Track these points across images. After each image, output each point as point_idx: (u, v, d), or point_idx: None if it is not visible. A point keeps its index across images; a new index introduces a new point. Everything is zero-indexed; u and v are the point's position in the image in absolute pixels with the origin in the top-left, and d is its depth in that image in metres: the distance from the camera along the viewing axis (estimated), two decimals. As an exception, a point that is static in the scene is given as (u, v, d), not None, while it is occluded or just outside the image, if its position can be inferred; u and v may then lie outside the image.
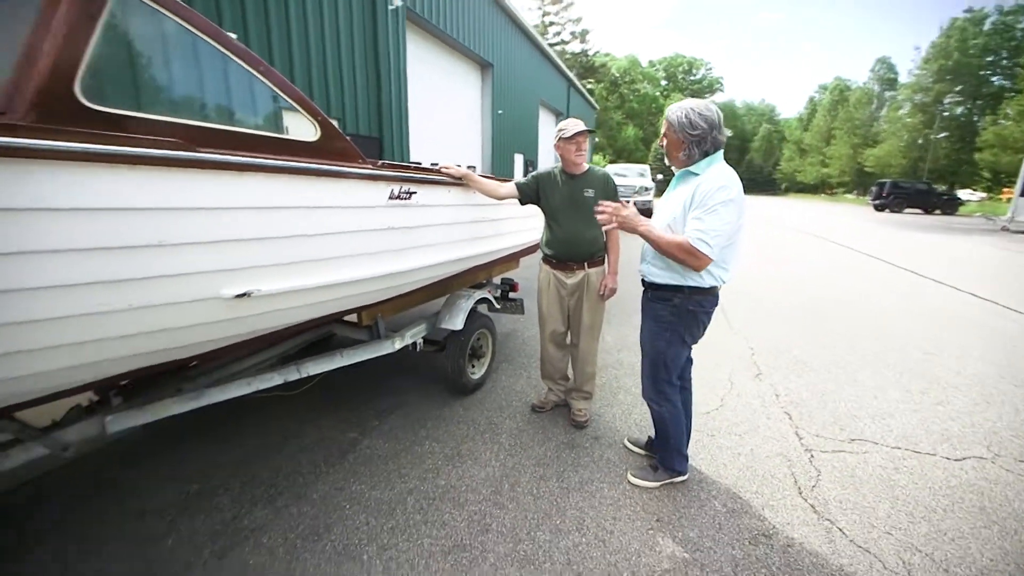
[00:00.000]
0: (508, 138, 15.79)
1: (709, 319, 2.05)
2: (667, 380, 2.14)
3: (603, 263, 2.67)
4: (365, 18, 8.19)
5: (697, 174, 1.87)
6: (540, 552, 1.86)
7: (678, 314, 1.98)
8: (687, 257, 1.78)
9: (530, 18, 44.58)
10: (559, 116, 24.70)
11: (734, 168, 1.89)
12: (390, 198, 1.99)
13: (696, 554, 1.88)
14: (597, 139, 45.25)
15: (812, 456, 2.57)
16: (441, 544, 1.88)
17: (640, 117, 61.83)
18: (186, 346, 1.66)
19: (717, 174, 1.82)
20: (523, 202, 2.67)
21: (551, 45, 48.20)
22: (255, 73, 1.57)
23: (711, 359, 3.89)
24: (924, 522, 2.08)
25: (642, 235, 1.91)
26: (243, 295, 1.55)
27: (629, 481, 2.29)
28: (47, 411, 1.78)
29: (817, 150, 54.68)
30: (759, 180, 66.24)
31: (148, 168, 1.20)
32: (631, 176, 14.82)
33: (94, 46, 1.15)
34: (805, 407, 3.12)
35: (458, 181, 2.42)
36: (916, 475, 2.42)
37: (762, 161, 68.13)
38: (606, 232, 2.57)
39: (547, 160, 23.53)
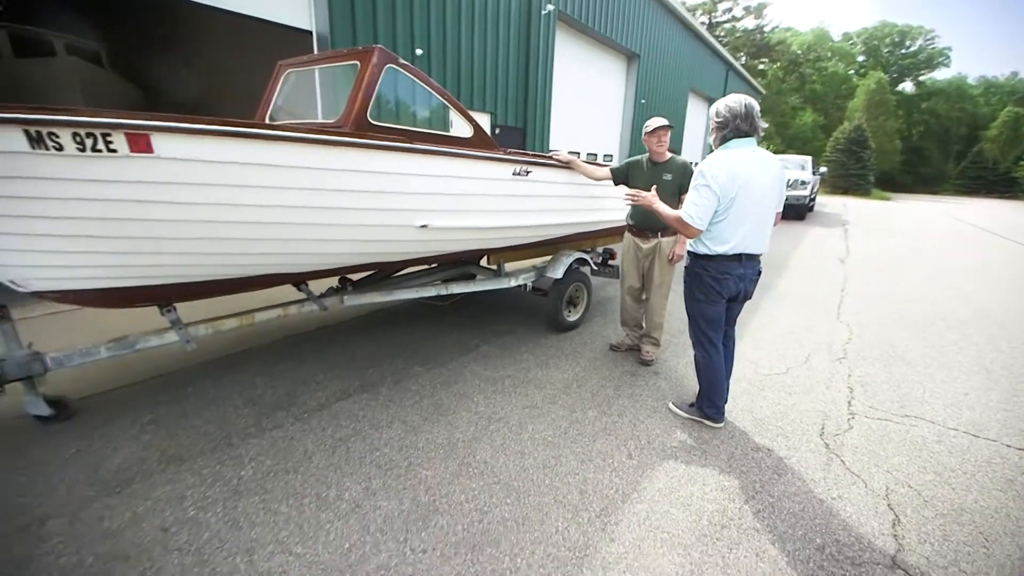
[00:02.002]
0: (651, 127, 15.82)
1: (721, 285, 2.35)
2: (701, 331, 2.53)
3: (675, 234, 3.29)
4: (520, 24, 9.40)
5: None
6: (587, 420, 2.72)
7: (689, 274, 2.50)
8: (681, 227, 2.31)
9: (695, -3, 41.64)
10: (712, 103, 23.25)
11: (958, 163, 2.09)
12: (513, 174, 2.99)
13: (702, 445, 2.53)
14: (767, 125, 40.80)
15: (853, 417, 2.87)
16: (523, 403, 2.87)
17: (823, 101, 53.12)
18: (392, 253, 2.91)
19: (708, 159, 2.20)
20: (616, 183, 3.44)
21: (719, 23, 44.57)
22: (442, 99, 2.71)
23: (797, 338, 4.14)
24: (933, 474, 2.34)
25: (656, 212, 2.53)
26: (424, 226, 2.70)
27: (667, 407, 2.89)
28: (317, 286, 3.22)
29: (1092, 139, 40.63)
30: (989, 179, 50.83)
31: (392, 153, 2.37)
32: (791, 168, 14.06)
33: (376, 94, 2.37)
34: (875, 388, 3.27)
35: (565, 165, 3.31)
36: (956, 449, 2.56)
37: (999, 154, 52.22)
38: None
39: (692, 149, 22.50)
